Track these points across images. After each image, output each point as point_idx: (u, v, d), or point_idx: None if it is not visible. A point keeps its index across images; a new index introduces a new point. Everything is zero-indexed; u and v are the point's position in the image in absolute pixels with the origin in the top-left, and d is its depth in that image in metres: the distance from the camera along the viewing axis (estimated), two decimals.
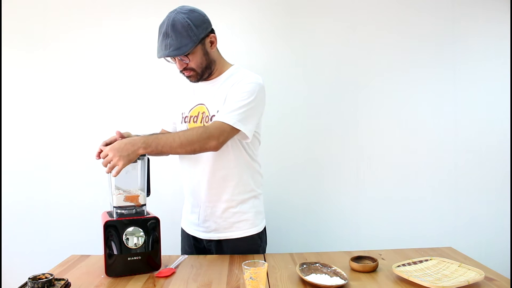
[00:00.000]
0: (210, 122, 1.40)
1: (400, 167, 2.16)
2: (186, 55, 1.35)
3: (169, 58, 1.39)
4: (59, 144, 2.10)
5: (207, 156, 1.42)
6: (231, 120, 1.32)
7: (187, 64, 1.39)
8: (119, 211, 1.30)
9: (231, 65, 1.50)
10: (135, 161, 1.33)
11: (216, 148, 1.33)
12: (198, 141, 1.29)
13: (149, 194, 1.41)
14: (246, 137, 1.38)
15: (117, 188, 1.31)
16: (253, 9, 2.09)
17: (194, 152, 1.33)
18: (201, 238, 1.52)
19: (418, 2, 2.13)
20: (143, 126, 2.07)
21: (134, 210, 1.31)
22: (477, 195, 2.18)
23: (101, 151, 1.26)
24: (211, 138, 1.30)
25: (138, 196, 1.32)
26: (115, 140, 1.29)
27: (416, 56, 2.14)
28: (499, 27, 2.16)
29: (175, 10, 1.36)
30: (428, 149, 2.16)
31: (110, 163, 1.21)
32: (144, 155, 1.35)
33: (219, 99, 1.42)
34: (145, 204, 1.34)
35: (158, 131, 1.64)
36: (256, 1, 2.09)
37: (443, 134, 2.16)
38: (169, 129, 1.63)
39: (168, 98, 1.99)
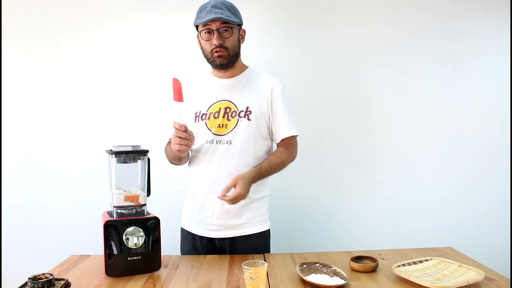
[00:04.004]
0: (236, 118, 1.46)
1: (400, 166, 2.15)
2: (231, 29, 1.42)
3: (204, 34, 1.43)
4: (60, 144, 2.09)
5: (230, 153, 1.46)
6: (296, 131, 1.53)
7: (224, 41, 1.42)
8: (119, 211, 1.30)
9: (247, 66, 1.57)
10: (136, 161, 1.33)
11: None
12: (289, 161, 1.54)
13: (149, 194, 1.41)
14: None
15: (117, 188, 1.31)
16: (258, 10, 2.08)
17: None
18: (213, 237, 1.50)
19: (418, 1, 2.13)
20: (142, 125, 2.08)
21: (134, 210, 1.31)
22: (477, 194, 2.18)
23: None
24: (294, 153, 1.56)
25: (138, 196, 1.32)
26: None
27: (416, 54, 2.13)
28: (499, 25, 2.15)
29: None
30: (428, 148, 2.15)
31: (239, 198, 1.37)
32: (145, 155, 1.35)
33: (249, 96, 1.49)
34: (145, 204, 1.34)
35: (166, 142, 1.63)
36: (260, 2, 2.09)
37: (443, 133, 2.16)
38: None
39: (167, 98, 1.99)
